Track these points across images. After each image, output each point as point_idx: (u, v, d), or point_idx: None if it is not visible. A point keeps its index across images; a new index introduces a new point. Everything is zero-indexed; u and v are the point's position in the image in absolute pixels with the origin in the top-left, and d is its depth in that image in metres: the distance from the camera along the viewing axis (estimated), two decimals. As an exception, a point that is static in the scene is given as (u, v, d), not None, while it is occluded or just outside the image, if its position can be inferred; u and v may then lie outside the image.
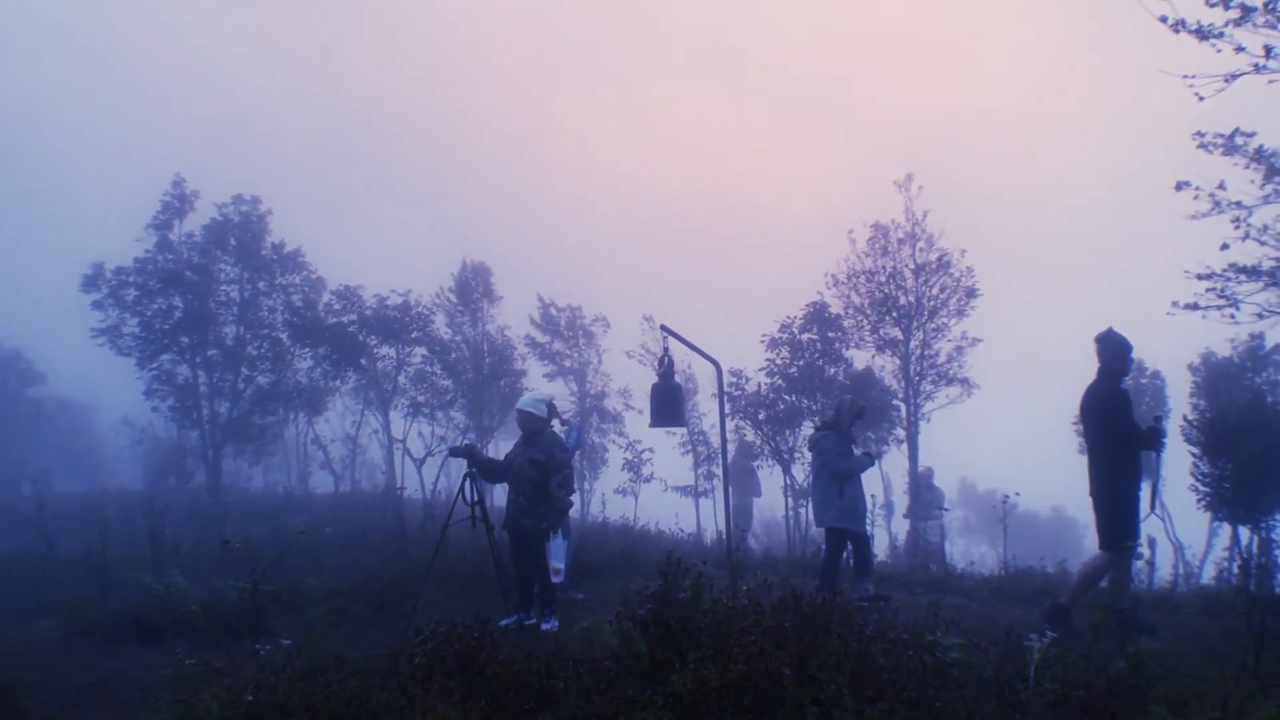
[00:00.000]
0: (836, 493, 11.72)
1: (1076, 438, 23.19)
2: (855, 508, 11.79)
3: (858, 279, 22.31)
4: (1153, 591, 13.26)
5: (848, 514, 11.72)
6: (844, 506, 11.69)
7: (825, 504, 11.84)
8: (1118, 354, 10.28)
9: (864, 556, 11.91)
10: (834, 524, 11.76)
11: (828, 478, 11.82)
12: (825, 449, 11.95)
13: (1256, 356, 19.65)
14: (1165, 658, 7.26)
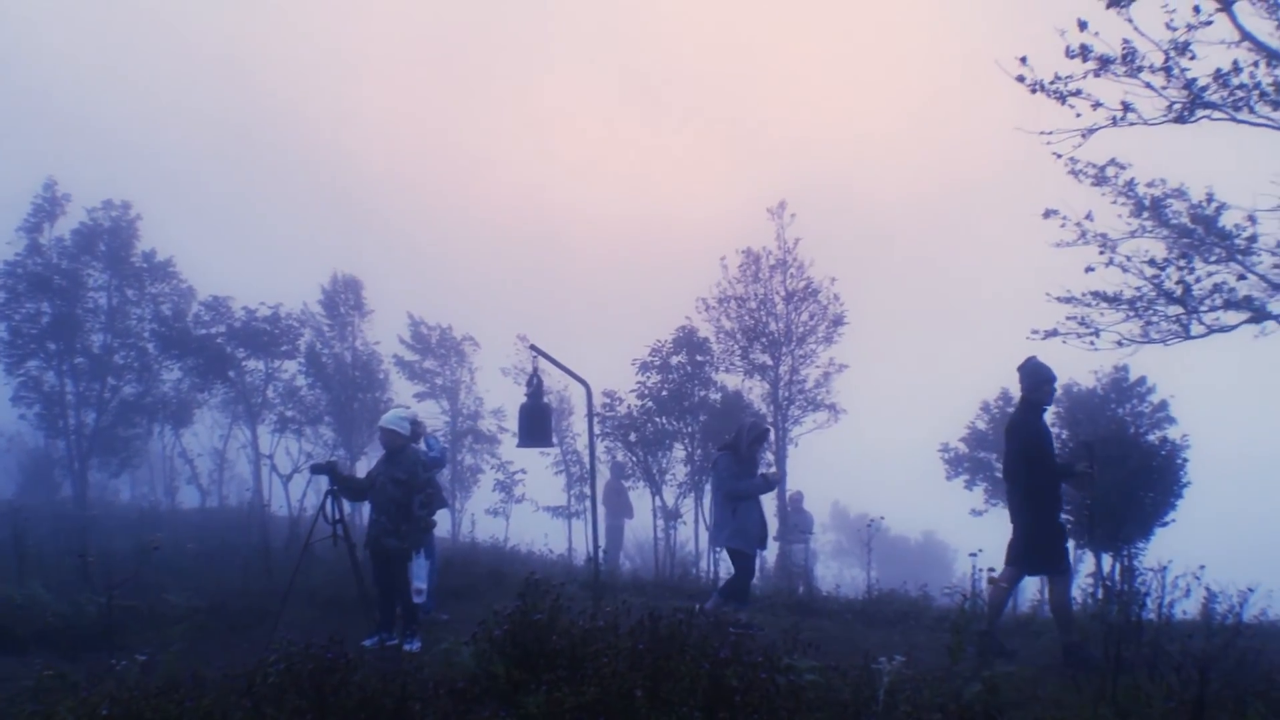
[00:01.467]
0: (731, 514, 11.68)
1: (944, 464, 23.57)
2: (748, 530, 11.75)
3: (729, 304, 22.41)
4: (1015, 616, 13.39)
5: (742, 534, 11.70)
6: (737, 527, 11.67)
7: (721, 524, 11.86)
8: (1037, 384, 10.37)
9: (744, 581, 11.86)
10: (728, 544, 11.80)
11: (723, 498, 11.79)
12: (721, 470, 11.95)
13: (1120, 388, 20.09)
14: (1022, 683, 7.23)
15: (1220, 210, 16.59)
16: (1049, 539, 9.76)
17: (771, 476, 12.14)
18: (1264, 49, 14.59)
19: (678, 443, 21.61)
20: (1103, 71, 14.50)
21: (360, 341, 28.70)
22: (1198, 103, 14.35)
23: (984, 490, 22.72)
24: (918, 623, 12.39)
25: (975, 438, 23.24)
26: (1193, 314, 16.43)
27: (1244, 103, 14.33)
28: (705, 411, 21.67)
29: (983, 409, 23.29)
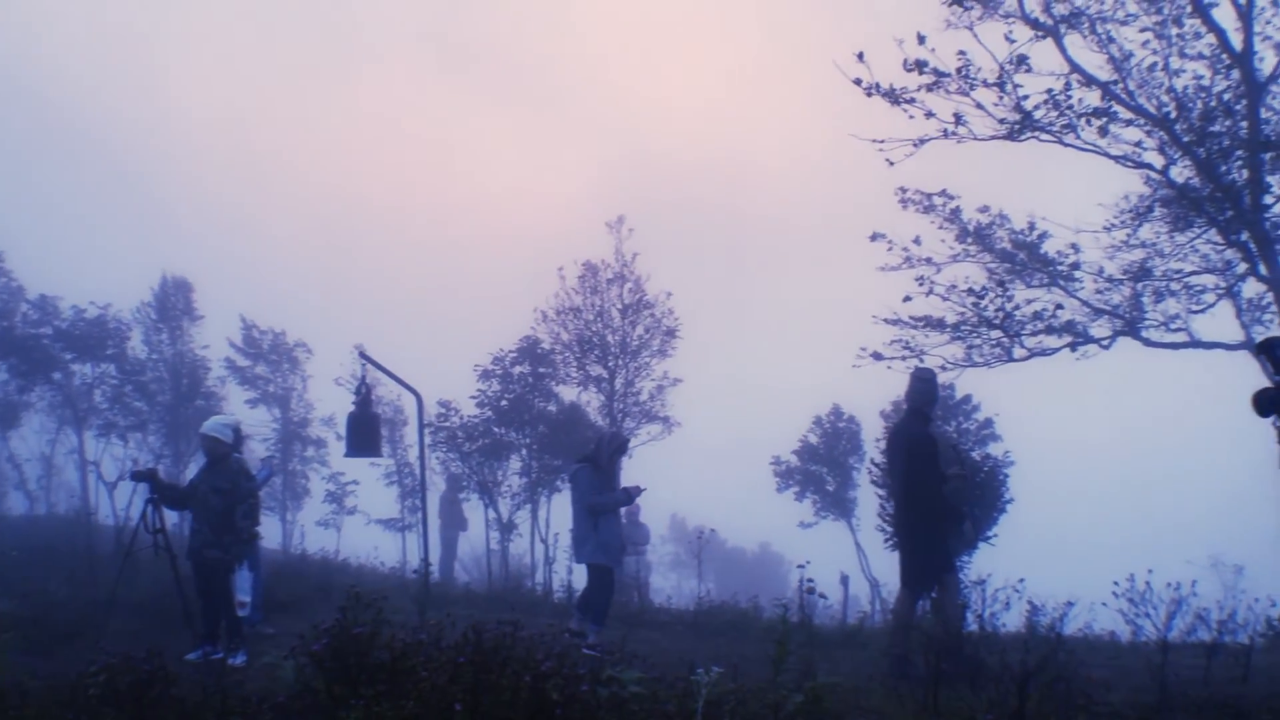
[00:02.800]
0: (592, 527, 11.50)
1: (775, 477, 24.04)
2: (610, 544, 11.63)
3: (567, 315, 22.45)
4: (844, 628, 13.71)
5: (604, 549, 11.55)
6: (600, 542, 11.51)
7: (582, 539, 11.65)
8: (924, 392, 10.31)
9: (604, 598, 11.76)
10: (590, 559, 11.60)
11: (584, 512, 11.60)
12: (581, 482, 11.76)
13: (946, 405, 20.74)
14: (846, 694, 7.41)
15: (1043, 237, 17.35)
16: (932, 549, 9.75)
17: (633, 489, 12.00)
18: (1091, 79, 15.37)
19: (514, 454, 21.59)
20: (936, 87, 15.04)
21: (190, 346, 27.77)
22: (1028, 123, 14.99)
23: (813, 503, 23.21)
24: (746, 633, 12.56)
25: (807, 451, 23.72)
26: (1014, 338, 17.11)
27: (1071, 127, 15.05)
28: (544, 423, 21.68)
29: (814, 423, 23.81)
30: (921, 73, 14.97)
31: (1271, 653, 10.76)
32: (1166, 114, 15.45)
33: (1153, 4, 15.49)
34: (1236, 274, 16.85)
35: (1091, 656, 8.97)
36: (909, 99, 15.09)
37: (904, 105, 15.13)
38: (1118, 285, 17.32)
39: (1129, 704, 7.37)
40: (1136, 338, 17.26)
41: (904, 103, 15.12)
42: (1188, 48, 15.65)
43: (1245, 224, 15.14)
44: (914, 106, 15.11)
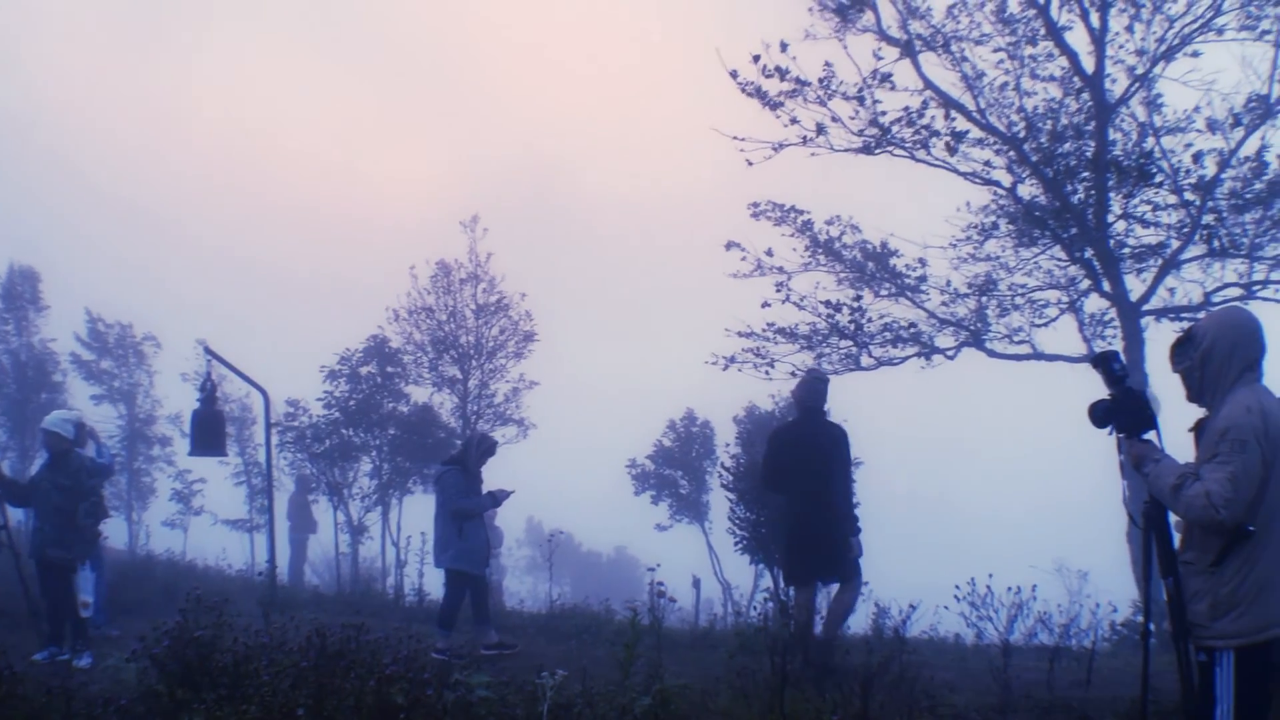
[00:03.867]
0: (456, 532, 11.18)
1: (631, 480, 24.05)
2: (477, 550, 11.36)
3: (419, 315, 22.12)
4: (694, 630, 13.75)
5: (468, 556, 11.26)
6: (464, 548, 11.21)
7: (444, 544, 11.32)
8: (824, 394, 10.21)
9: (484, 602, 11.50)
10: (452, 565, 11.27)
11: (448, 516, 11.26)
12: (447, 485, 11.42)
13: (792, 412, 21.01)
14: (694, 695, 7.40)
15: (892, 252, 17.73)
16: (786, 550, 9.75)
17: (499, 493, 11.72)
18: (945, 97, 15.72)
19: (364, 456, 21.23)
20: (796, 94, 15.25)
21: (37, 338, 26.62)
22: (884, 138, 15.28)
23: (669, 506, 23.30)
24: (598, 636, 12.52)
25: (661, 455, 23.80)
26: (863, 348, 17.44)
27: (924, 144, 15.39)
28: (395, 424, 21.34)
29: (669, 427, 23.90)
30: (782, 79, 15.18)
31: (1114, 657, 11.13)
32: (1016, 133, 15.90)
33: (1007, 25, 15.92)
34: (1080, 290, 17.42)
35: (936, 658, 9.13)
36: (779, 102, 15.31)
37: (774, 108, 15.34)
38: (964, 298, 17.77)
39: (973, 705, 7.51)
40: (981, 349, 17.72)
41: (775, 105, 15.33)
42: (1040, 69, 16.14)
43: (1089, 242, 15.67)
44: (782, 110, 15.34)
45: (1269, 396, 4.88)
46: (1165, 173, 15.57)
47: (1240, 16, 15.28)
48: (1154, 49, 15.64)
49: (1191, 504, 4.67)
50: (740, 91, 15.41)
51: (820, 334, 17.59)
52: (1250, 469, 4.59)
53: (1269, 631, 4.67)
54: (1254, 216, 15.55)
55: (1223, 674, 4.64)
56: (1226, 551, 4.68)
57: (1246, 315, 5.17)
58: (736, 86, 15.41)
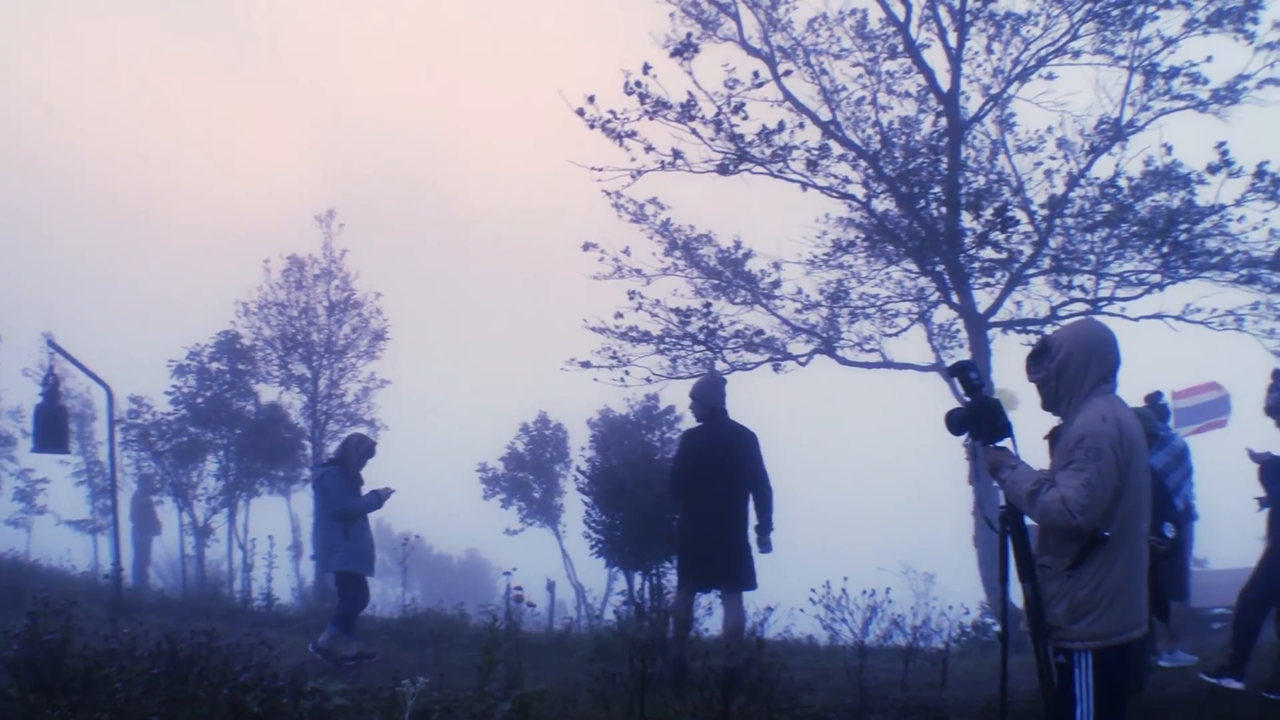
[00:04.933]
0: (342, 534, 10.78)
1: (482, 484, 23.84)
2: (365, 550, 11.01)
3: (270, 310, 21.58)
4: (550, 634, 13.66)
5: (358, 557, 10.91)
6: (351, 549, 10.83)
7: (331, 547, 10.94)
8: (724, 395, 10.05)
9: (356, 609, 11.13)
10: (342, 568, 10.90)
11: (333, 518, 10.87)
12: (330, 486, 11.00)
13: (650, 415, 21.07)
14: (554, 701, 7.33)
15: (747, 256, 17.92)
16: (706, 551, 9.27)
17: (383, 492, 11.34)
18: (803, 110, 15.94)
19: (211, 455, 20.60)
20: (657, 114, 15.27)
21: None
22: (743, 157, 15.41)
23: (520, 509, 23.17)
24: (453, 642, 12.35)
25: (514, 458, 23.65)
26: (717, 353, 17.58)
27: (782, 159, 15.57)
28: (242, 424, 20.75)
29: (522, 430, 23.77)
30: (642, 101, 15.20)
31: (964, 657, 11.39)
32: (872, 148, 16.23)
33: (867, 41, 16.24)
34: (929, 301, 17.88)
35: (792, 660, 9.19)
36: (630, 133, 15.32)
37: (624, 141, 15.37)
38: (816, 306, 18.07)
39: (830, 707, 7.59)
40: (833, 356, 18.06)
41: (624, 137, 15.34)
42: (897, 85, 16.53)
43: (940, 255, 16.08)
44: (634, 141, 15.37)
45: (1122, 406, 5.01)
46: (1014, 189, 16.06)
47: (1095, 40, 15.88)
48: (1009, 69, 16.16)
49: (1048, 509, 4.75)
50: (589, 128, 15.41)
51: (673, 337, 17.70)
52: (1106, 476, 4.70)
53: (1126, 634, 4.80)
54: (1101, 235, 16.14)
55: (1081, 675, 4.74)
56: (1083, 556, 4.77)
57: (1101, 327, 5.29)
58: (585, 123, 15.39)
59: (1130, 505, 4.82)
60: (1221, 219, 15.07)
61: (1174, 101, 15.80)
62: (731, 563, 9.17)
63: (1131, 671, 5.01)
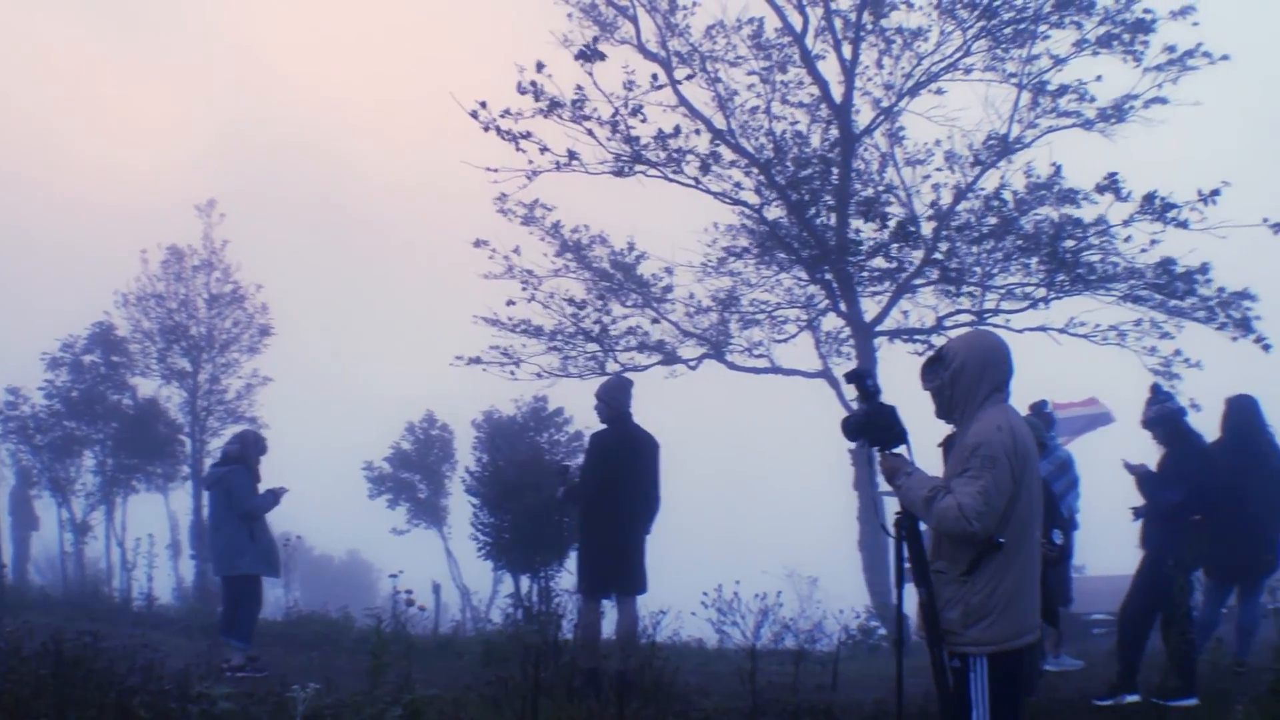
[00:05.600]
0: (249, 536, 10.39)
1: (367, 483, 23.53)
2: (272, 551, 10.71)
3: (149, 302, 21.00)
4: (437, 637, 13.51)
5: (266, 558, 10.61)
6: (259, 551, 10.49)
7: (238, 549, 10.41)
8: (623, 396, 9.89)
9: (256, 614, 10.79)
10: (252, 570, 10.52)
11: (237, 519, 10.41)
12: (235, 486, 10.53)
13: (539, 416, 21.02)
14: (445, 705, 7.23)
15: (640, 259, 17.96)
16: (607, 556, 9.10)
17: (279, 490, 10.95)
18: (698, 116, 16.01)
19: (88, 450, 19.99)
20: (551, 113, 15.22)
21: None
22: (638, 159, 15.42)
23: (406, 510, 22.92)
24: (338, 645, 12.12)
25: (399, 457, 23.41)
26: (609, 353, 17.59)
27: (677, 163, 15.62)
28: (118, 418, 20.18)
29: (408, 429, 23.54)
30: (537, 98, 15.15)
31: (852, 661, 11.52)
32: (765, 156, 16.38)
33: (763, 50, 16.38)
34: (818, 309, 18.13)
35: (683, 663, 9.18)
36: (525, 134, 15.27)
37: (519, 143, 15.30)
38: (707, 311, 18.19)
39: (723, 710, 7.60)
40: (722, 361, 18.20)
41: (520, 138, 15.28)
42: (791, 95, 16.71)
43: (829, 264, 16.31)
44: (529, 142, 15.31)
45: (1016, 416, 5.10)
46: (902, 201, 16.36)
47: (986, 58, 16.27)
48: (901, 84, 16.45)
49: (944, 516, 4.80)
50: (484, 130, 15.32)
51: (565, 334, 17.67)
52: (1001, 484, 4.76)
53: (1021, 639, 4.89)
54: (987, 248, 16.49)
55: (977, 680, 4.80)
56: (978, 562, 4.82)
57: (996, 338, 5.39)
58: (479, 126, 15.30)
59: (1024, 512, 4.89)
60: (1106, 237, 15.48)
61: (1061, 119, 16.30)
62: (628, 567, 9.12)
63: (1024, 676, 5.10)
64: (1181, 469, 8.51)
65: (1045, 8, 15.55)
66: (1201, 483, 8.42)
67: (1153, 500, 8.67)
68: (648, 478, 9.36)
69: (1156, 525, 8.70)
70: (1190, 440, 8.67)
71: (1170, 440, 8.68)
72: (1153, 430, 8.83)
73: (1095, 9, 15.50)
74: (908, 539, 5.11)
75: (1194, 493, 8.37)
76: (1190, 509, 8.41)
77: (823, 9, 15.68)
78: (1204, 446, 8.68)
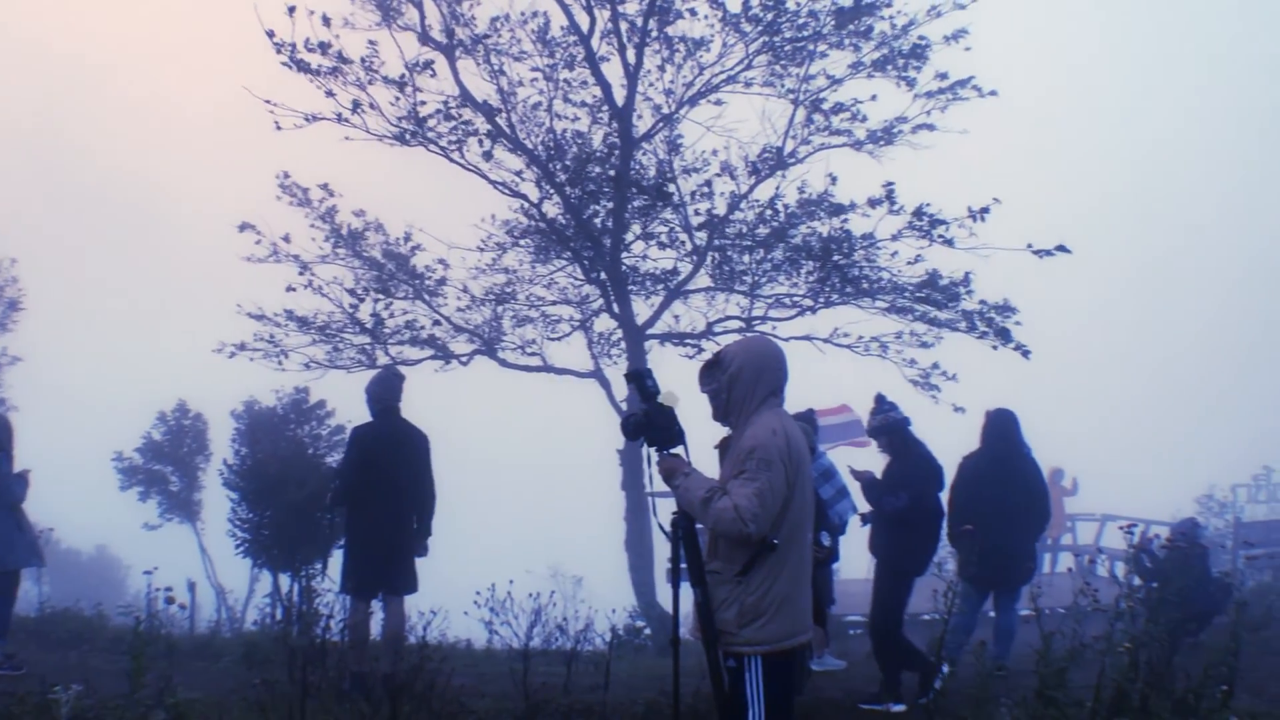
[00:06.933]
0: (16, 527, 9.60)
1: (117, 475, 22.39)
2: (36, 542, 9.94)
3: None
4: (195, 637, 12.99)
5: (33, 549, 9.88)
6: (27, 542, 9.74)
7: (9, 542, 9.56)
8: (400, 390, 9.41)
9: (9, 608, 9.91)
10: (24, 563, 9.85)
11: (5, 509, 9.59)
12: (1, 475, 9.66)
13: (300, 409, 20.40)
14: (208, 708, 6.97)
15: (415, 250, 17.65)
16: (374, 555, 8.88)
17: (26, 474, 10.10)
18: (479, 109, 15.83)
19: None
20: (337, 72, 14.78)
21: None
22: (420, 130, 15.13)
23: (159, 503, 21.93)
24: (94, 644, 11.51)
25: (151, 448, 22.38)
26: (379, 345, 17.24)
27: (460, 143, 15.41)
28: None
29: (159, 419, 22.53)
30: (324, 54, 14.69)
31: (620, 661, 11.59)
32: (545, 153, 16.35)
33: (547, 47, 16.34)
34: (591, 309, 18.23)
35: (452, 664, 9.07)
36: (314, 69, 14.77)
37: (311, 76, 14.78)
38: (480, 306, 18.04)
39: (496, 711, 7.54)
40: (494, 358, 18.06)
41: (312, 73, 14.76)
42: (574, 94, 16.73)
43: (604, 265, 16.41)
44: (319, 79, 14.80)
45: (790, 420, 5.23)
46: (678, 207, 16.60)
47: (766, 73, 16.62)
48: (682, 92, 16.66)
49: (720, 517, 4.87)
50: (275, 52, 14.70)
51: (336, 326, 17.22)
52: (775, 486, 4.87)
53: (794, 639, 5.02)
54: (757, 257, 16.88)
55: (752, 679, 4.89)
56: (752, 563, 4.91)
57: (772, 344, 5.52)
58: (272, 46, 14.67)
59: (797, 515, 5.02)
60: (872, 250, 16.05)
61: (833, 137, 16.79)
62: (396, 566, 8.96)
63: (795, 676, 5.22)
64: (904, 476, 8.81)
65: (826, 28, 15.97)
66: (924, 490, 8.75)
67: (877, 506, 8.95)
68: (415, 473, 9.16)
69: (882, 531, 9.00)
70: (913, 448, 8.93)
71: (894, 448, 8.98)
72: (877, 438, 9.15)
73: (874, 33, 16.01)
74: (684, 539, 5.16)
75: (916, 500, 8.68)
76: (912, 515, 8.67)
77: (610, 11, 15.70)
78: (927, 454, 8.91)
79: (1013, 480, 9.47)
